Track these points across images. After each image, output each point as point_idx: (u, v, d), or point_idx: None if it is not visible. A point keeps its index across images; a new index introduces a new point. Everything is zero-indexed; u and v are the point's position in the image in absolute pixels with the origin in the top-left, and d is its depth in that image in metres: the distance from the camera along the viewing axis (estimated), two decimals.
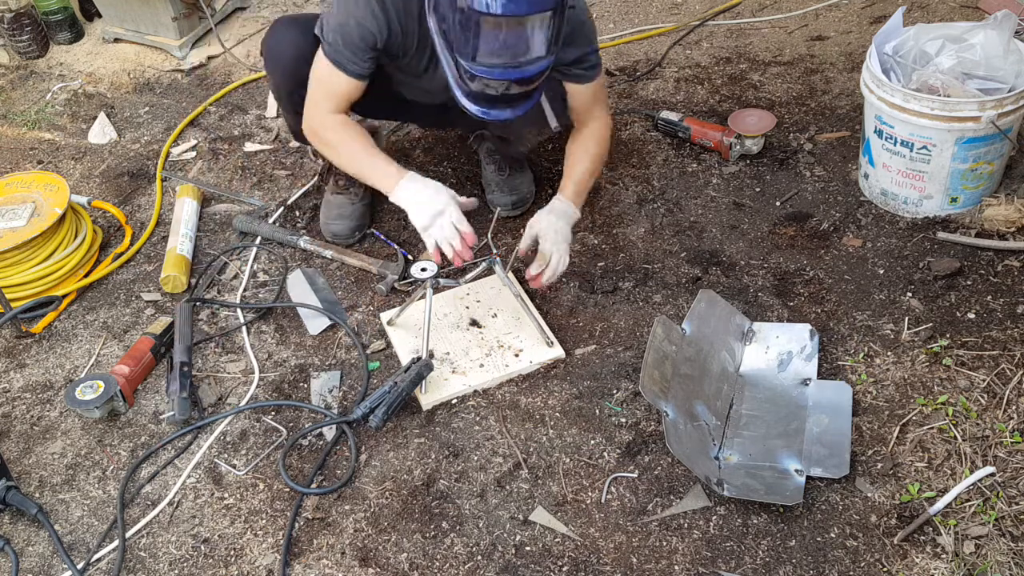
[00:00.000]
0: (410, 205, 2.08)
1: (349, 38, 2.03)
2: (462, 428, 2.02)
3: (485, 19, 1.75)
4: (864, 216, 2.44)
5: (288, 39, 2.22)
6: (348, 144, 2.17)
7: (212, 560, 1.82)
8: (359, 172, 2.21)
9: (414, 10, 2.01)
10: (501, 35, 1.80)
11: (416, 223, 2.08)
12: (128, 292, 2.46)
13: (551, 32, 1.82)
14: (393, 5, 1.99)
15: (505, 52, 1.82)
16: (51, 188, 2.50)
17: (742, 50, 3.14)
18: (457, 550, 1.79)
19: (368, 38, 2.02)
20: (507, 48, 1.82)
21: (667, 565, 1.74)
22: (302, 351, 2.24)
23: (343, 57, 2.05)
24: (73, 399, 2.07)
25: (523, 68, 1.85)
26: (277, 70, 2.28)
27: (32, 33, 3.45)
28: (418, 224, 2.07)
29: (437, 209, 2.05)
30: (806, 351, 2.06)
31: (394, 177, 2.11)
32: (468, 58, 1.83)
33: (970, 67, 2.27)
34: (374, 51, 2.06)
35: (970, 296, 2.17)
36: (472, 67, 1.84)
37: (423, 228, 2.07)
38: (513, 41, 1.81)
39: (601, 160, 2.30)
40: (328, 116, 2.16)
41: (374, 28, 2.01)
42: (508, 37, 1.81)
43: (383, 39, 2.04)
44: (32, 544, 1.89)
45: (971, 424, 1.89)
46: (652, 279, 2.33)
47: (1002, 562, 1.66)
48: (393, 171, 2.12)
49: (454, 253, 2.04)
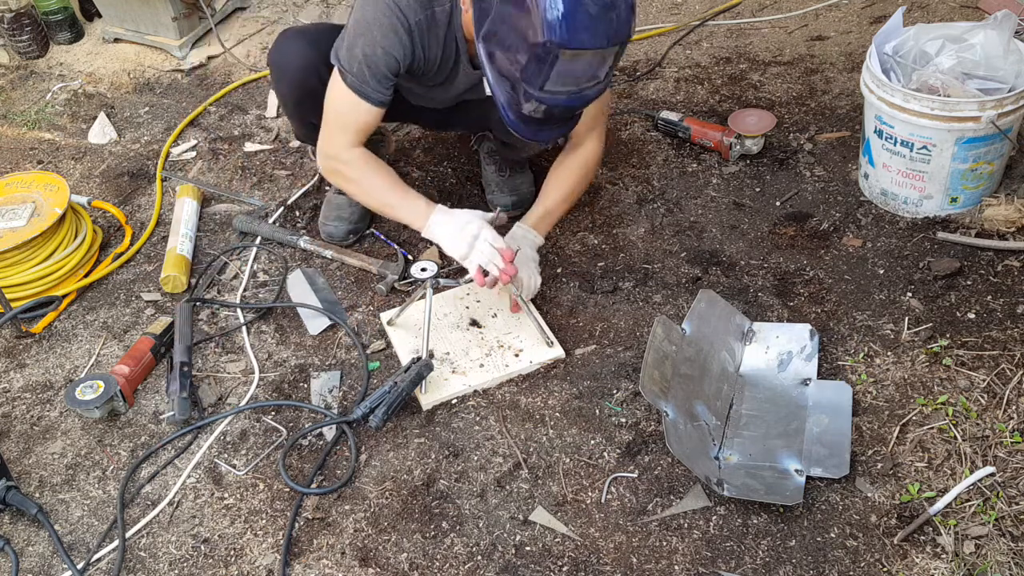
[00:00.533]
0: (444, 239, 2.08)
1: (376, 68, 2.00)
2: (462, 428, 2.02)
3: (564, 52, 1.74)
4: (864, 216, 2.44)
5: (295, 51, 2.21)
6: (372, 180, 2.14)
7: (212, 560, 1.82)
8: (384, 210, 2.20)
9: (440, 33, 2.00)
10: (576, 66, 1.79)
11: (454, 255, 2.07)
12: (128, 292, 2.46)
13: (616, 59, 1.83)
14: (418, 28, 1.97)
15: (573, 81, 1.82)
16: (51, 188, 2.50)
17: (742, 50, 3.14)
18: (457, 550, 1.79)
19: (393, 65, 2.01)
20: (577, 77, 1.82)
21: (667, 565, 1.74)
22: (302, 351, 2.24)
23: (369, 87, 2.03)
24: (73, 399, 2.07)
25: (584, 93, 1.86)
26: (284, 82, 2.28)
27: (32, 33, 3.45)
28: (456, 255, 2.07)
29: (472, 235, 2.04)
30: (806, 351, 2.06)
31: (423, 214, 2.09)
32: (536, 87, 1.81)
33: (970, 67, 2.27)
34: (397, 76, 2.05)
35: (970, 296, 2.17)
36: (540, 95, 1.83)
37: (462, 257, 2.06)
38: (584, 70, 1.81)
39: (583, 187, 2.30)
40: (348, 151, 2.13)
41: (399, 55, 1.99)
42: (581, 67, 1.80)
43: (407, 64, 2.03)
44: (32, 544, 1.89)
45: (971, 424, 1.89)
46: (652, 279, 2.33)
47: (1002, 562, 1.66)
48: (422, 207, 2.10)
49: (499, 272, 2.04)
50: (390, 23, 1.96)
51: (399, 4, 1.95)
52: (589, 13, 1.70)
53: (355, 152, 2.14)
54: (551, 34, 1.70)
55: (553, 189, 2.27)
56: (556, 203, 2.26)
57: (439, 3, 1.97)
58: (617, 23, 1.74)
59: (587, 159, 2.26)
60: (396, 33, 1.97)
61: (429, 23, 1.98)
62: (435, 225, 2.08)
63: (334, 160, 2.16)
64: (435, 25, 1.99)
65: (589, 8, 1.70)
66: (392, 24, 1.96)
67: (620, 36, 1.77)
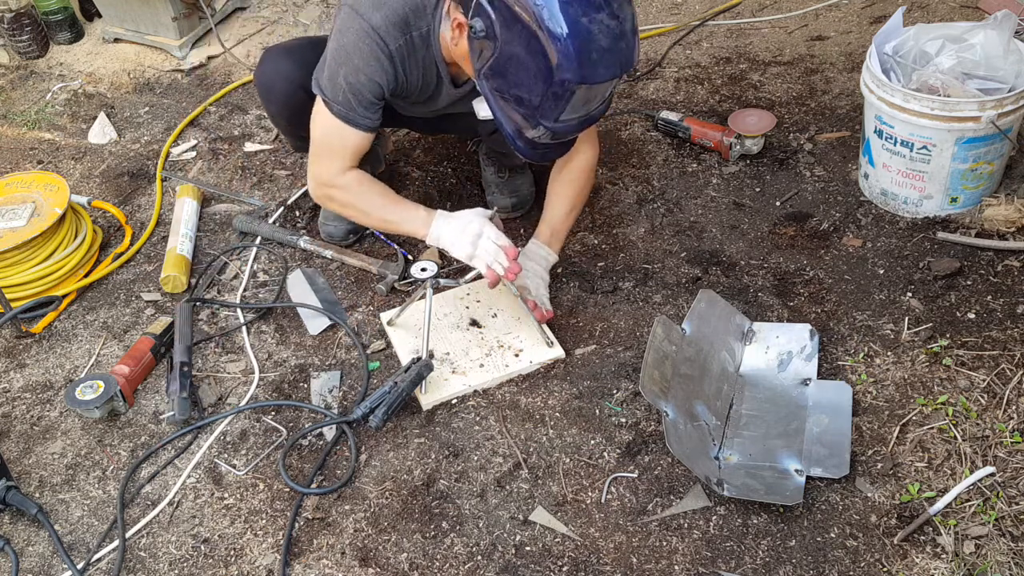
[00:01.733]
0: (448, 243, 2.07)
1: (361, 96, 2.00)
2: (462, 428, 2.02)
3: (580, 87, 1.77)
4: (864, 216, 2.44)
5: (280, 72, 2.21)
6: (369, 201, 2.14)
7: (212, 560, 1.82)
8: (386, 227, 2.21)
9: (419, 57, 2.00)
10: (591, 95, 1.83)
11: (460, 256, 2.07)
12: (128, 292, 2.46)
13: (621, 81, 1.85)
14: (399, 53, 1.97)
15: (583, 108, 1.85)
16: (51, 188, 2.50)
17: (742, 50, 3.14)
18: (457, 550, 1.79)
19: (377, 91, 2.01)
20: (587, 104, 1.85)
21: (667, 565, 1.74)
22: (302, 351, 2.24)
23: (356, 115, 2.02)
24: (73, 399, 2.07)
25: (592, 115, 1.89)
26: (272, 103, 2.29)
27: (32, 33, 3.45)
28: (462, 256, 2.06)
29: (474, 234, 2.04)
30: (806, 351, 2.06)
31: (424, 222, 2.09)
32: (551, 120, 1.84)
33: (970, 67, 2.27)
34: (382, 100, 2.05)
35: (970, 296, 2.17)
36: (554, 126, 1.85)
37: (468, 258, 2.06)
38: (596, 98, 1.85)
39: (584, 196, 2.29)
40: (340, 176, 2.12)
41: (383, 81, 1.99)
42: (594, 95, 1.84)
43: (391, 88, 2.03)
44: (32, 544, 1.89)
45: (971, 424, 1.89)
46: (652, 279, 2.33)
47: (1002, 562, 1.66)
48: (422, 216, 2.10)
49: (505, 270, 2.04)
50: (371, 50, 1.94)
51: (378, 31, 1.93)
52: (602, 47, 1.72)
53: (348, 176, 2.12)
54: (569, 74, 1.72)
55: (557, 204, 2.25)
56: (561, 217, 2.25)
57: (416, 28, 1.96)
58: (627, 51, 1.76)
59: (585, 165, 2.24)
60: (378, 60, 1.96)
61: (409, 48, 1.98)
62: (437, 231, 2.08)
63: (327, 187, 2.14)
64: (414, 50, 1.99)
65: (601, 42, 1.71)
66: (373, 51, 1.94)
67: (630, 63, 1.79)
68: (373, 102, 2.02)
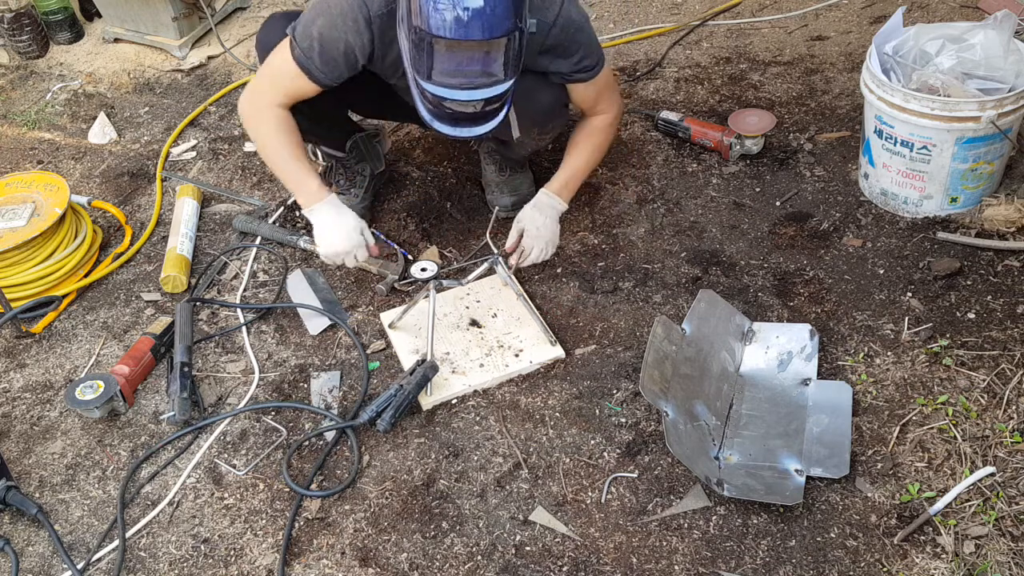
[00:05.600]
0: (320, 232, 2.16)
1: (328, 52, 2.02)
2: (462, 428, 2.02)
3: (437, 41, 1.76)
4: (864, 216, 2.44)
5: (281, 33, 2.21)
6: (279, 141, 2.16)
7: (212, 560, 1.82)
8: (280, 175, 2.24)
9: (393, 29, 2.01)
10: (455, 57, 1.80)
11: (320, 251, 2.18)
12: (128, 292, 2.46)
13: (508, 56, 1.81)
14: (378, 20, 1.99)
15: (460, 73, 1.82)
16: (51, 188, 2.50)
17: (742, 50, 3.14)
18: (457, 550, 1.79)
19: (351, 56, 2.03)
20: (462, 70, 1.82)
21: (667, 565, 1.74)
22: (302, 351, 2.24)
23: (312, 65, 2.04)
24: (73, 399, 2.07)
25: (479, 89, 1.85)
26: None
27: (32, 33, 3.45)
28: (321, 253, 2.17)
29: (345, 250, 2.15)
30: (806, 351, 2.06)
31: (314, 196, 2.15)
32: (424, 76, 1.83)
33: (970, 67, 2.27)
34: (351, 69, 2.06)
35: (970, 296, 2.17)
36: (427, 85, 1.84)
37: (325, 257, 2.18)
38: (467, 64, 1.81)
39: (602, 149, 2.34)
40: (269, 109, 2.14)
41: (356, 43, 2.01)
42: (462, 60, 1.81)
43: (366, 54, 2.04)
44: (32, 544, 1.89)
45: (971, 424, 1.89)
46: (652, 279, 2.33)
47: (1002, 562, 1.66)
48: (314, 188, 2.15)
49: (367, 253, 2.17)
50: (351, 10, 1.97)
51: None
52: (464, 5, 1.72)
53: (276, 111, 2.15)
54: (421, 22, 1.75)
55: (573, 155, 2.32)
56: (576, 167, 2.31)
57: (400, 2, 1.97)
58: (492, 17, 1.74)
59: (601, 122, 2.29)
60: (355, 21, 1.98)
61: (390, 19, 1.99)
62: (318, 213, 2.15)
63: (254, 108, 2.17)
64: (395, 22, 1.99)
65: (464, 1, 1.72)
66: (353, 11, 1.97)
67: (494, 31, 1.76)
68: (338, 63, 2.04)
